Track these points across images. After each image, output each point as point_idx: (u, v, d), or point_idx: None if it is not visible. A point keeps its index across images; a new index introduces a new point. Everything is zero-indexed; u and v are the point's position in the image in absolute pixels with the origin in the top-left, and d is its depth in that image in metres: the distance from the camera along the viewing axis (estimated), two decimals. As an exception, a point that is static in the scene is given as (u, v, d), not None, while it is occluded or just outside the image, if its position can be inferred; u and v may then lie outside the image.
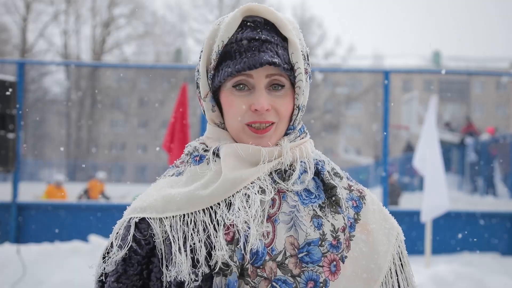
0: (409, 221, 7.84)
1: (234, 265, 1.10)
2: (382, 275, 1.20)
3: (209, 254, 1.12)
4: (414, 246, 7.75)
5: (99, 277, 1.18)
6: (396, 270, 1.24)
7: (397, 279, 1.24)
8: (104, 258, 1.18)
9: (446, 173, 9.79)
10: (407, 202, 15.14)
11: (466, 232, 8.28)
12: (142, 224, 1.17)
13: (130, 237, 1.16)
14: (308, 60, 1.25)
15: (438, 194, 6.55)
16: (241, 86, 1.19)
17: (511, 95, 53.91)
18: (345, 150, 34.27)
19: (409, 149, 21.60)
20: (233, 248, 1.11)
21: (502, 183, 14.42)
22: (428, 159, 6.77)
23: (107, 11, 39.56)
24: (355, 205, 1.24)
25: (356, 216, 1.23)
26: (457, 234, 8.25)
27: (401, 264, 1.26)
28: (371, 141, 48.00)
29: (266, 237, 1.13)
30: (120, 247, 1.16)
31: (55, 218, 7.89)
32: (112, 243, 1.17)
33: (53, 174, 15.47)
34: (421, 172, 7.34)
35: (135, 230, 1.16)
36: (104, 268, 1.17)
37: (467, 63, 53.28)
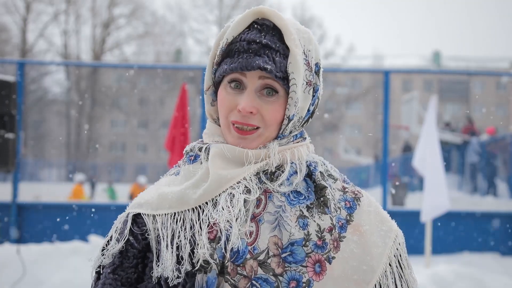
0: (409, 221, 7.84)
1: (214, 262, 1.12)
2: (376, 277, 1.19)
3: (193, 252, 1.15)
4: (414, 246, 7.75)
5: (97, 269, 1.22)
6: (393, 273, 1.22)
7: (395, 281, 1.22)
8: (103, 250, 1.22)
9: (446, 173, 9.79)
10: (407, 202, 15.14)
11: (466, 232, 8.29)
12: (140, 219, 1.21)
13: (127, 231, 1.20)
14: (315, 70, 1.24)
15: (438, 194, 6.55)
16: (235, 84, 1.20)
17: (511, 95, 53.91)
18: (345, 150, 34.22)
19: (407, 149, 21.59)
20: (214, 246, 1.13)
21: (503, 183, 14.42)
22: (428, 159, 6.77)
23: (107, 11, 39.55)
24: (348, 206, 1.23)
25: (348, 217, 1.22)
26: (457, 234, 8.26)
27: (400, 266, 1.24)
28: (371, 141, 48.00)
29: (248, 236, 1.14)
30: (118, 240, 1.20)
31: (55, 218, 7.89)
32: (111, 236, 1.22)
33: (77, 175, 15.86)
34: (421, 172, 7.33)
35: (132, 225, 1.21)
36: (102, 260, 1.20)
37: (467, 63, 53.27)
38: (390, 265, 1.22)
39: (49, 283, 5.95)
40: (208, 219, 1.16)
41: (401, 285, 1.23)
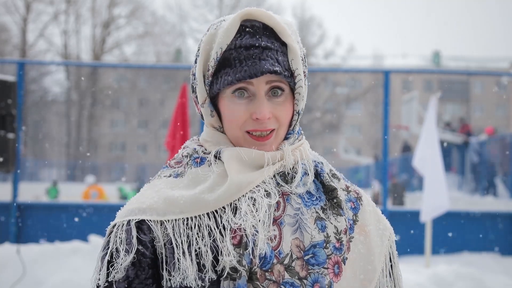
0: (409, 221, 7.83)
1: (243, 269, 1.09)
2: (377, 276, 1.22)
3: (215, 259, 1.11)
4: (414, 246, 7.75)
5: (105, 283, 1.12)
6: (387, 270, 1.26)
7: (386, 279, 1.26)
8: (111, 264, 1.13)
9: (447, 173, 9.78)
10: (407, 201, 15.12)
11: (466, 232, 8.28)
12: (144, 226, 1.14)
13: (134, 240, 1.12)
14: (305, 62, 1.25)
15: (438, 194, 6.55)
16: (241, 93, 1.18)
17: (511, 95, 53.89)
18: (345, 150, 34.23)
19: (406, 149, 21.60)
20: (241, 252, 1.09)
21: (502, 183, 14.42)
22: (428, 159, 6.77)
23: (107, 11, 39.53)
24: (353, 206, 1.25)
25: (354, 217, 1.24)
26: (457, 234, 8.25)
27: (391, 265, 1.28)
28: (371, 141, 47.98)
29: (273, 240, 1.13)
30: (127, 251, 1.12)
31: (55, 218, 7.89)
32: (117, 248, 1.13)
33: (89, 177, 15.81)
34: (420, 172, 7.33)
35: (138, 232, 1.13)
36: (114, 276, 1.12)
37: (467, 63, 53.27)
38: (385, 263, 1.26)
39: (49, 283, 5.95)
40: (230, 224, 1.12)
41: (391, 282, 1.27)
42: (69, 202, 10.19)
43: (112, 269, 1.12)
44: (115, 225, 1.16)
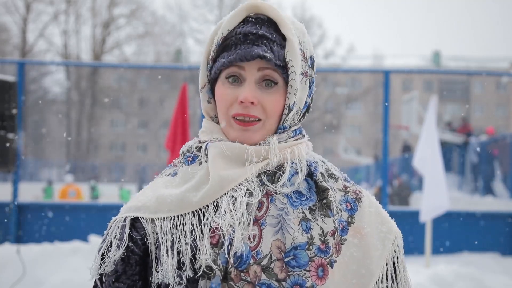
0: (409, 221, 7.83)
1: (217, 268, 1.09)
2: (373, 281, 1.18)
3: (194, 257, 1.12)
4: (414, 246, 7.75)
5: (97, 276, 1.18)
6: (388, 276, 1.21)
7: (387, 285, 1.20)
8: (102, 256, 1.17)
9: (446, 173, 9.78)
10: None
11: (466, 232, 8.29)
12: (138, 223, 1.18)
13: (126, 237, 1.16)
14: (310, 63, 1.23)
15: (438, 194, 6.55)
16: (233, 78, 1.19)
17: (511, 95, 53.90)
18: (345, 150, 34.25)
19: (406, 149, 21.60)
20: (217, 252, 1.10)
21: (502, 184, 14.41)
22: (428, 159, 6.76)
23: (107, 11, 39.53)
24: (349, 207, 1.21)
25: (349, 219, 1.20)
26: (457, 234, 8.26)
27: (394, 270, 1.22)
28: (371, 141, 47.98)
29: (251, 240, 1.12)
30: (118, 246, 1.16)
31: (55, 218, 7.89)
32: (111, 242, 1.17)
33: (67, 176, 15.84)
34: (420, 172, 7.33)
35: (131, 229, 1.17)
36: (104, 269, 1.16)
37: (467, 63, 53.26)
38: (386, 268, 1.21)
39: (49, 283, 5.95)
40: (210, 223, 1.13)
41: (392, 287, 1.21)
42: (69, 202, 10.19)
43: (103, 262, 1.17)
44: (115, 220, 1.21)
